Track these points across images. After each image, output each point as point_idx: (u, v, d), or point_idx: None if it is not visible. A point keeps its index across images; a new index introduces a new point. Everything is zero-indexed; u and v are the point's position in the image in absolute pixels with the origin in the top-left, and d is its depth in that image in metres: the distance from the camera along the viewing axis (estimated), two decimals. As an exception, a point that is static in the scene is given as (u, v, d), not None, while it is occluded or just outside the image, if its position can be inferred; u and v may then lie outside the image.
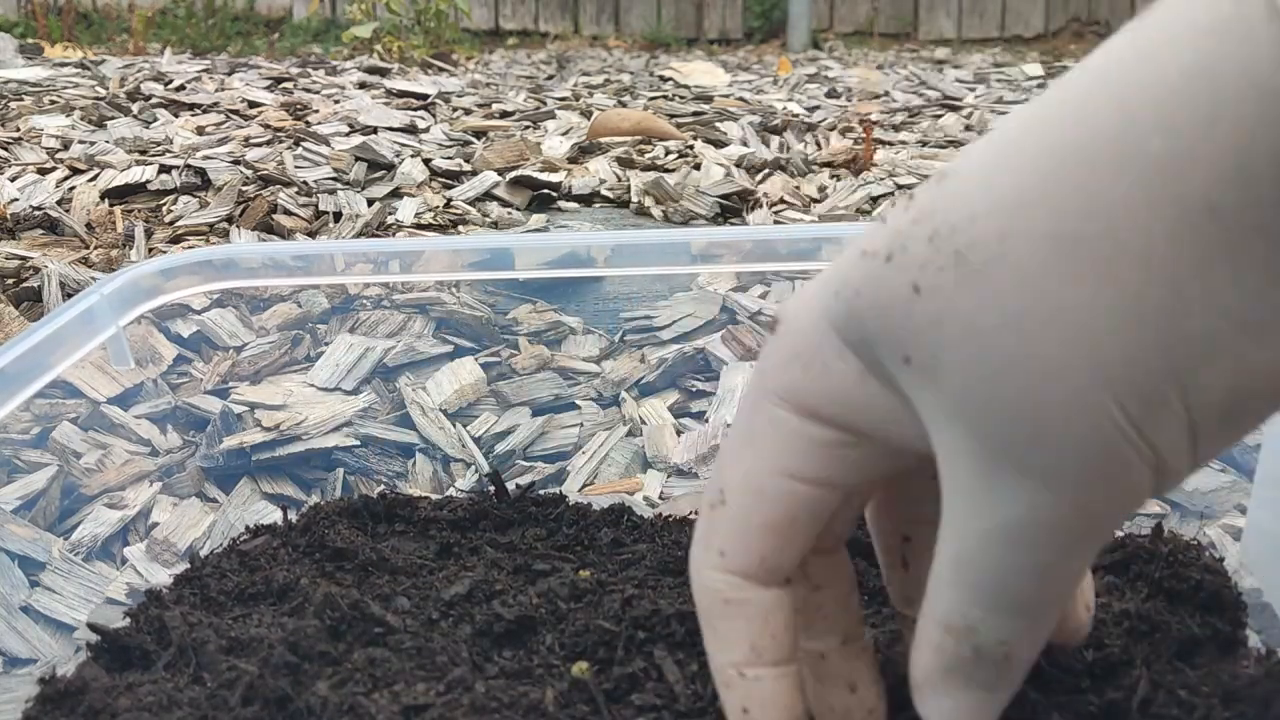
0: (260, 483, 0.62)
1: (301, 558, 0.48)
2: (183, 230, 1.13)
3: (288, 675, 0.37)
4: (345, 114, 1.66)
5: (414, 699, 0.36)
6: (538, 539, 0.49)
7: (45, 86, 1.93)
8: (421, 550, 0.48)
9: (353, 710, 0.35)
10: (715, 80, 2.56)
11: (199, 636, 0.40)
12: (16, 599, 0.51)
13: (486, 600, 0.43)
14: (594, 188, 1.34)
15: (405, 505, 0.52)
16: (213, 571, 0.46)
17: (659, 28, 4.49)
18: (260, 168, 1.31)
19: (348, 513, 0.51)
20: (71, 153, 1.40)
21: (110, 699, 0.37)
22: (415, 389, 0.70)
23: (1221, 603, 0.41)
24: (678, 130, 1.62)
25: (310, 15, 4.20)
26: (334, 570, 0.47)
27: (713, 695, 0.36)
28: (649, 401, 0.70)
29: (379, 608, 0.42)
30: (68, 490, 0.60)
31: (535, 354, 0.74)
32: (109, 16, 4.01)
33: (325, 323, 0.77)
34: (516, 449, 0.65)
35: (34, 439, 0.63)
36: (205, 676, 0.38)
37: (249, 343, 0.75)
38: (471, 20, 4.21)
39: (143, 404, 0.67)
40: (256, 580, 0.45)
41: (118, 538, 0.57)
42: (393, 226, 1.17)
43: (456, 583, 0.44)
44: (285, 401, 0.67)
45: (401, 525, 0.51)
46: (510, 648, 0.40)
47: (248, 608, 0.44)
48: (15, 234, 1.10)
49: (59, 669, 0.39)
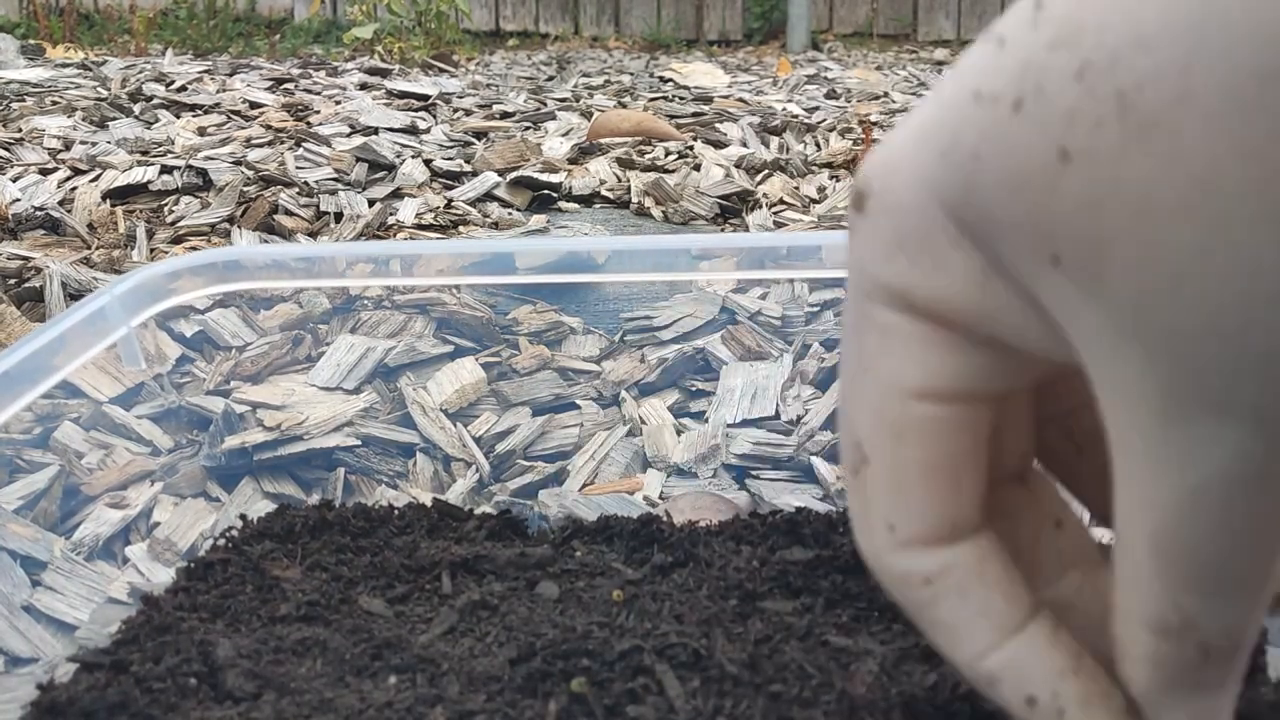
0: (262, 482, 0.62)
1: (307, 560, 0.48)
2: (184, 231, 1.14)
3: (293, 687, 0.38)
4: (346, 115, 1.66)
5: (415, 713, 0.36)
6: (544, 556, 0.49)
7: (47, 87, 1.93)
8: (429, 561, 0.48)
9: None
10: (715, 81, 2.56)
11: (206, 640, 0.40)
12: (18, 598, 0.52)
13: (489, 615, 0.43)
14: (594, 188, 1.34)
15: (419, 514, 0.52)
16: (215, 573, 0.47)
17: (659, 29, 4.49)
18: (261, 168, 1.31)
19: (362, 515, 0.51)
20: (73, 153, 1.40)
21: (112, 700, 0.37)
22: (416, 389, 0.70)
23: None
24: (677, 131, 1.62)
25: (311, 16, 4.20)
26: (338, 574, 0.47)
27: (714, 710, 0.36)
28: (649, 401, 0.70)
29: (382, 609, 0.42)
30: (69, 490, 0.60)
31: (535, 354, 0.74)
32: (110, 17, 4.01)
33: (326, 323, 0.78)
34: (517, 449, 0.65)
35: (36, 438, 0.63)
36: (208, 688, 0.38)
37: (251, 343, 0.75)
38: (472, 21, 4.21)
39: (144, 404, 0.67)
40: (259, 582, 0.45)
41: (119, 537, 0.57)
42: (393, 227, 1.17)
43: (460, 595, 0.44)
44: (287, 401, 0.67)
45: (410, 535, 0.51)
46: (511, 661, 0.40)
47: (250, 613, 0.44)
48: (17, 234, 1.10)
49: (58, 670, 0.39)
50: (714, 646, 0.39)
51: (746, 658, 0.38)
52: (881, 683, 0.37)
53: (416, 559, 0.47)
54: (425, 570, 0.47)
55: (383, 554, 0.48)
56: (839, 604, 0.43)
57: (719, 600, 0.43)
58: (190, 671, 0.39)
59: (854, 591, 0.44)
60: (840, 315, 0.26)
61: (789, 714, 0.36)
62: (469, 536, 0.50)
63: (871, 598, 0.44)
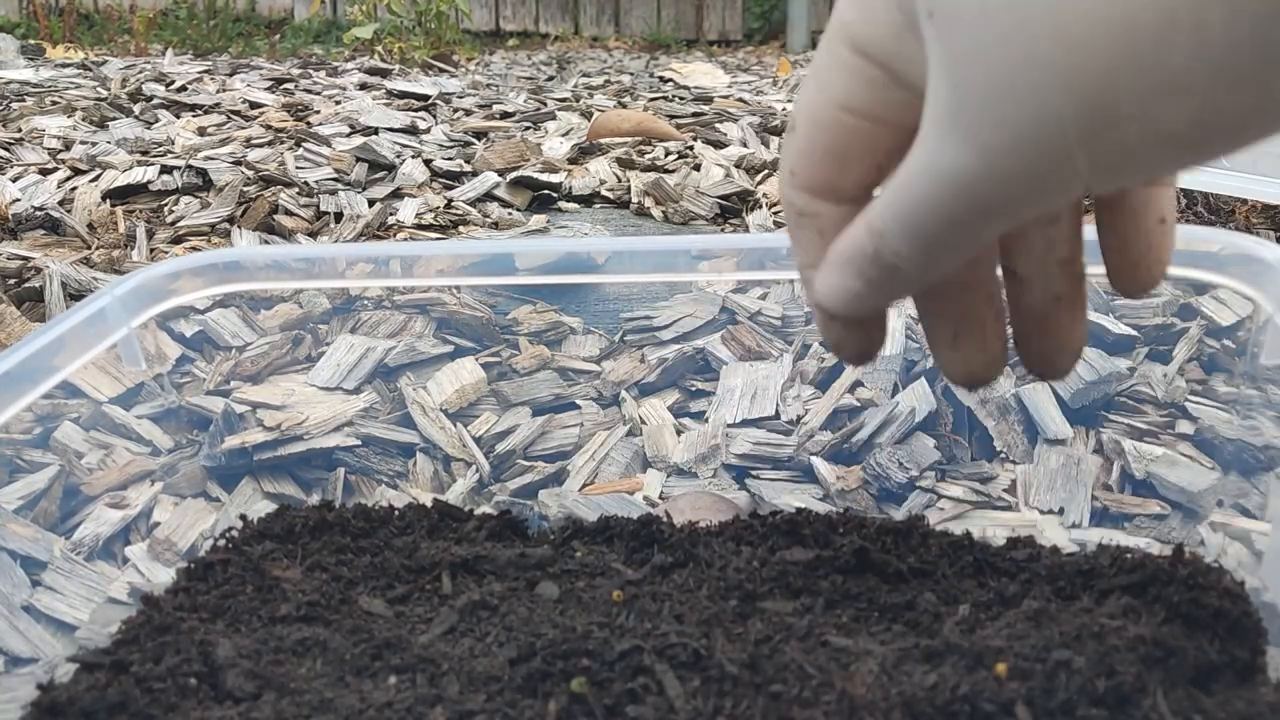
0: (262, 482, 0.62)
1: (307, 561, 0.48)
2: (184, 231, 1.14)
3: (293, 687, 0.38)
4: (346, 115, 1.66)
5: (415, 713, 0.36)
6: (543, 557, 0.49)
7: (47, 87, 1.93)
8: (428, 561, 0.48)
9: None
10: (715, 81, 2.56)
11: (206, 640, 0.40)
12: (18, 598, 0.52)
13: (489, 615, 0.43)
14: (594, 188, 1.34)
15: (420, 515, 0.52)
16: (215, 573, 0.47)
17: (659, 29, 4.49)
18: (261, 168, 1.31)
19: (362, 516, 0.51)
20: (73, 153, 1.40)
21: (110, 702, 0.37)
22: (416, 389, 0.70)
23: (1241, 628, 0.40)
24: (677, 131, 1.62)
25: (311, 16, 4.20)
26: (339, 574, 0.47)
27: (713, 710, 0.36)
28: (649, 401, 0.70)
29: (382, 610, 0.42)
30: (69, 490, 0.60)
31: (535, 354, 0.74)
32: (110, 18, 4.01)
33: (326, 323, 0.78)
34: (517, 449, 0.65)
35: (36, 438, 0.63)
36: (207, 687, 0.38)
37: (251, 343, 0.75)
38: (472, 21, 4.21)
39: (144, 404, 0.67)
40: (259, 582, 0.45)
41: (119, 537, 0.57)
42: (394, 227, 1.17)
43: (460, 596, 0.44)
44: (287, 401, 0.67)
45: (410, 536, 0.51)
46: (511, 661, 0.40)
47: (250, 613, 0.44)
48: (17, 234, 1.10)
49: (58, 670, 0.39)
50: (714, 647, 0.39)
51: (746, 658, 0.38)
52: (881, 683, 0.37)
53: (417, 559, 0.47)
54: (425, 570, 0.47)
55: (383, 554, 0.48)
56: (839, 604, 0.43)
57: (719, 600, 0.43)
58: (190, 671, 0.39)
59: (854, 592, 0.44)
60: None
61: (789, 714, 0.36)
62: (469, 537, 0.50)
63: (872, 598, 0.44)
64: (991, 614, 0.42)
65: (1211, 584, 0.42)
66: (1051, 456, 0.61)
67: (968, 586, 0.44)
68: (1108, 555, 0.46)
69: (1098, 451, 0.62)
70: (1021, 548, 0.47)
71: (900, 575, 0.45)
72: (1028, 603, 0.42)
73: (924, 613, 0.42)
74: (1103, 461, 0.61)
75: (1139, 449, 0.61)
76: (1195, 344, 0.71)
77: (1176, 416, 0.64)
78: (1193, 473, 0.58)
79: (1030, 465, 0.61)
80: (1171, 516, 0.57)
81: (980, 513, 0.58)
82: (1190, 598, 0.41)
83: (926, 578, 0.45)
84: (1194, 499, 0.57)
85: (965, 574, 0.45)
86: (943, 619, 0.42)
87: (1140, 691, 0.36)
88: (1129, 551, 0.46)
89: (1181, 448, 0.61)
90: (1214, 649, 0.39)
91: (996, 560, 0.46)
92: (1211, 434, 0.62)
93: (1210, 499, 0.57)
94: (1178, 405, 0.65)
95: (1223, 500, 0.57)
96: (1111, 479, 0.60)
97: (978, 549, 0.47)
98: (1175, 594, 0.42)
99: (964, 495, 0.59)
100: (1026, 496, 0.59)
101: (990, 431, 0.64)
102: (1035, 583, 0.44)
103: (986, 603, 0.43)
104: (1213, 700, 0.36)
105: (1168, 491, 0.58)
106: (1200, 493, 0.57)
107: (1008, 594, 0.44)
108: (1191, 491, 0.57)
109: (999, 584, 0.44)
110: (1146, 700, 0.36)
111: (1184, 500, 0.57)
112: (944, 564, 0.46)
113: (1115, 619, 0.40)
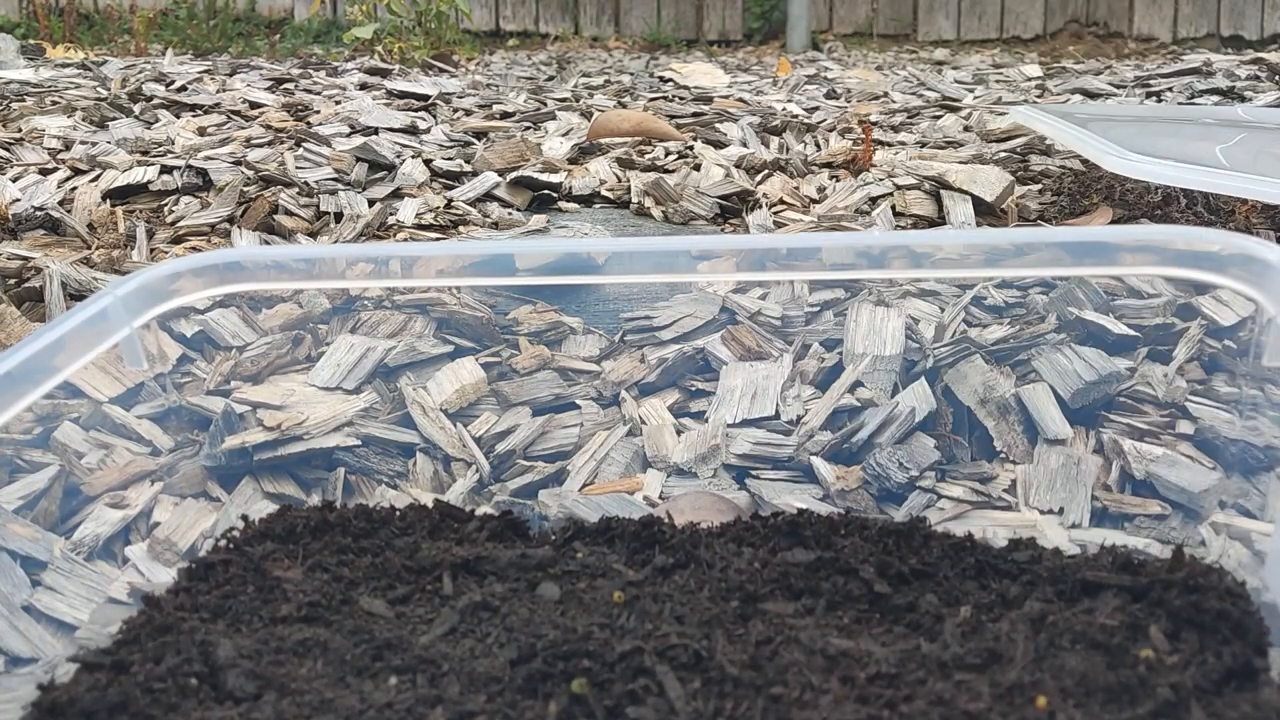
0: (262, 482, 0.62)
1: (308, 561, 0.48)
2: (184, 231, 1.14)
3: (294, 687, 0.38)
4: (346, 115, 1.66)
5: (415, 714, 0.36)
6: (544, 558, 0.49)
7: (47, 87, 1.93)
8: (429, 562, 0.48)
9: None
10: (715, 81, 2.56)
11: (207, 640, 0.40)
12: (18, 598, 0.52)
13: (490, 616, 0.43)
14: (594, 188, 1.34)
15: (420, 515, 0.52)
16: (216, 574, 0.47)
17: (659, 29, 4.49)
18: (261, 168, 1.31)
19: (363, 516, 0.51)
20: (73, 153, 1.40)
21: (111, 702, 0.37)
22: (416, 389, 0.70)
23: (1242, 629, 0.40)
24: (677, 131, 1.62)
25: (311, 16, 4.20)
26: (339, 575, 0.47)
27: (714, 711, 0.36)
28: (649, 401, 0.70)
29: (383, 610, 0.42)
30: (69, 490, 0.60)
31: (535, 354, 0.74)
32: (110, 18, 4.01)
33: (326, 323, 0.78)
34: (516, 449, 0.65)
35: (36, 438, 0.63)
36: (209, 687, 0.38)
37: (251, 343, 0.75)
38: (472, 21, 4.21)
39: (145, 404, 0.67)
40: (260, 582, 0.45)
41: (119, 537, 0.57)
42: (393, 227, 1.17)
43: (461, 596, 0.44)
44: (287, 401, 0.67)
45: (411, 536, 0.51)
46: (512, 662, 0.40)
47: (251, 613, 0.44)
48: (17, 234, 1.10)
49: (59, 670, 0.39)
50: (715, 648, 0.39)
51: (747, 659, 0.38)
52: (882, 684, 0.37)
53: (418, 560, 0.47)
54: (426, 571, 0.47)
55: (384, 555, 0.48)
56: (840, 606, 0.43)
57: (720, 602, 0.43)
58: (191, 672, 0.39)
59: (855, 594, 0.44)
60: (840, 315, 0.30)
61: (789, 716, 0.36)
62: (470, 537, 0.50)
63: (873, 600, 0.44)
64: (993, 616, 0.42)
65: (1212, 585, 0.42)
66: (1051, 456, 0.61)
67: (969, 588, 0.44)
68: (1109, 557, 0.46)
69: (1098, 451, 0.62)
70: (1023, 549, 0.47)
71: (902, 577, 0.45)
72: (1029, 604, 0.42)
73: (926, 614, 0.42)
74: (1103, 462, 0.61)
75: (1139, 449, 0.61)
76: (1196, 344, 0.71)
77: (1177, 417, 0.64)
78: (1193, 473, 0.58)
79: (1030, 465, 0.61)
80: (1172, 517, 0.57)
81: (980, 513, 0.58)
82: (1191, 600, 0.41)
83: (928, 579, 0.45)
84: (1195, 499, 0.57)
85: (967, 576, 0.45)
86: (944, 621, 0.42)
87: (1144, 694, 0.36)
88: (1130, 553, 0.46)
89: (1182, 448, 0.61)
90: (1215, 651, 0.39)
91: (998, 562, 0.46)
92: (1212, 434, 0.62)
93: (1211, 499, 0.57)
94: (1178, 405, 0.65)
95: (1224, 501, 0.57)
96: (1112, 479, 0.60)
97: (979, 550, 0.47)
98: (1176, 596, 0.42)
99: (964, 495, 0.59)
100: (1026, 497, 0.59)
101: (990, 431, 0.64)
102: (1037, 585, 0.44)
103: (988, 604, 0.43)
104: (1217, 702, 0.36)
105: (1168, 492, 0.58)
106: (1201, 493, 0.57)
107: (1009, 596, 0.44)
108: (1192, 492, 0.57)
109: (1000, 586, 0.44)
110: (1150, 703, 0.36)
111: (1185, 501, 0.57)
112: (945, 566, 0.46)
113: (1118, 623, 0.40)
